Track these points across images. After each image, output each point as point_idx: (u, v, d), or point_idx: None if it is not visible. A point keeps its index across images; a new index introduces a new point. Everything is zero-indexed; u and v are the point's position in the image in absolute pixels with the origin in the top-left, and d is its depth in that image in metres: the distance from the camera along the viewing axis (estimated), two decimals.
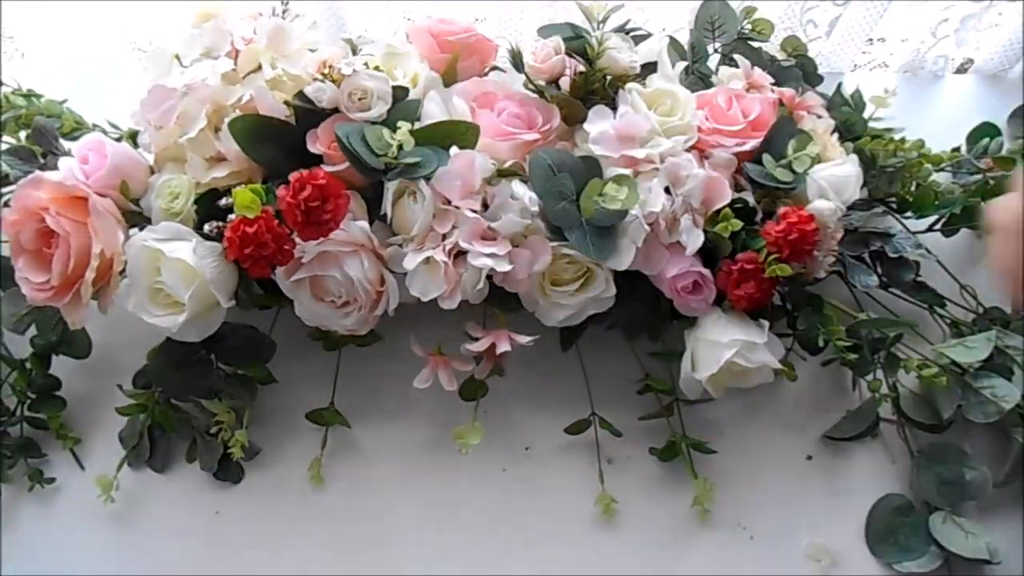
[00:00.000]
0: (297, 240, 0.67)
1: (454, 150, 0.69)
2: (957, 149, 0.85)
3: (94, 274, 0.69)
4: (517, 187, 0.70)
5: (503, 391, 0.78)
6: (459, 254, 0.70)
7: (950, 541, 0.72)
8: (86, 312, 0.71)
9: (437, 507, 0.77)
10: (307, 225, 0.65)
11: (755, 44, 0.85)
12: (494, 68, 0.81)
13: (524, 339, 0.72)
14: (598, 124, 0.72)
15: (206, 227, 0.70)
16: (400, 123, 0.68)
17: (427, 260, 0.69)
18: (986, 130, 0.86)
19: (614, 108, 0.74)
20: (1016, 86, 1.00)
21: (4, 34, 0.81)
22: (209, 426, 0.77)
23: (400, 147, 0.68)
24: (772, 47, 0.86)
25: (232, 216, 0.65)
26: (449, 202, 0.70)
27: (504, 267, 0.68)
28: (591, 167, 0.71)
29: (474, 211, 0.69)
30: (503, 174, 0.71)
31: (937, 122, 0.95)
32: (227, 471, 0.78)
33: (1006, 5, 0.95)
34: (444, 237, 0.69)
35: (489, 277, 0.70)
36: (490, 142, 0.72)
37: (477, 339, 0.72)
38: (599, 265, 0.71)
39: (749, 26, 0.85)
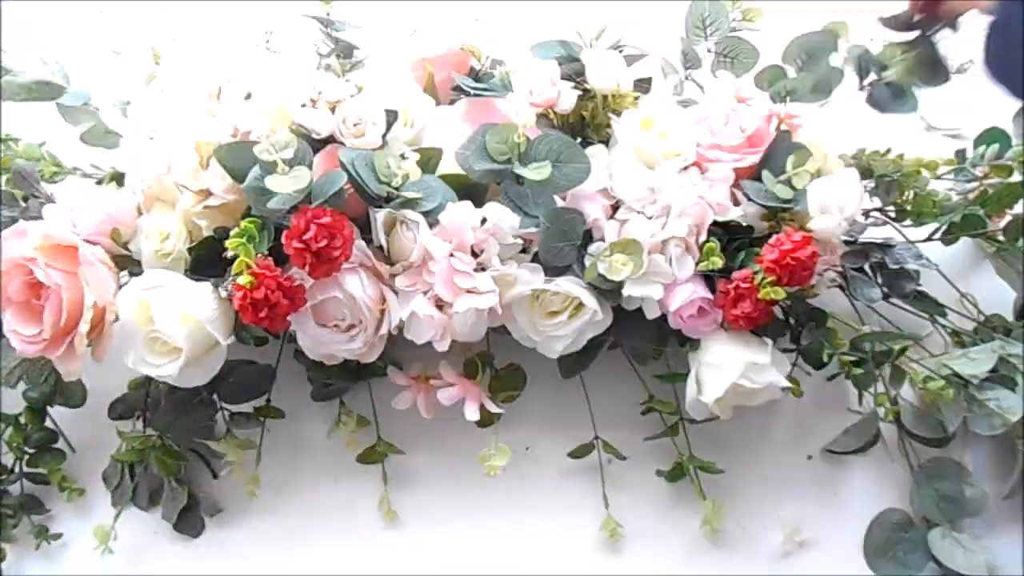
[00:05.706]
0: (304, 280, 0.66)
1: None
2: (962, 151, 0.83)
3: (88, 326, 0.68)
4: (499, 211, 0.68)
5: (507, 417, 0.76)
6: None
7: (949, 558, 0.73)
8: (81, 363, 0.70)
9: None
10: (318, 265, 0.64)
11: (746, 34, 0.83)
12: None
13: (494, 408, 0.74)
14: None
15: (221, 292, 0.68)
16: (408, 154, 0.66)
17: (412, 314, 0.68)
18: (994, 135, 0.81)
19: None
20: None
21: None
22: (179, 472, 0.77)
23: (406, 177, 0.66)
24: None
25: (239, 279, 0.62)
26: None
27: (485, 304, 0.67)
28: None
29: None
30: None
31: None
32: (188, 523, 0.77)
33: None
34: None
35: None
36: None
37: (451, 384, 0.73)
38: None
39: (739, 15, 0.82)
